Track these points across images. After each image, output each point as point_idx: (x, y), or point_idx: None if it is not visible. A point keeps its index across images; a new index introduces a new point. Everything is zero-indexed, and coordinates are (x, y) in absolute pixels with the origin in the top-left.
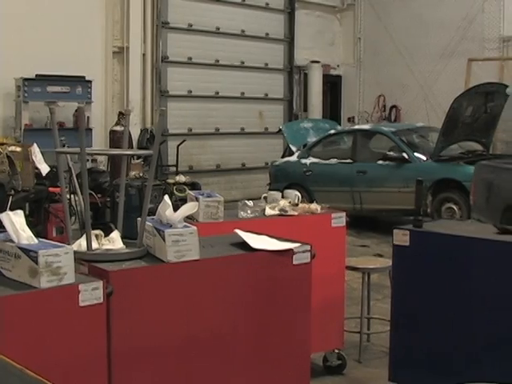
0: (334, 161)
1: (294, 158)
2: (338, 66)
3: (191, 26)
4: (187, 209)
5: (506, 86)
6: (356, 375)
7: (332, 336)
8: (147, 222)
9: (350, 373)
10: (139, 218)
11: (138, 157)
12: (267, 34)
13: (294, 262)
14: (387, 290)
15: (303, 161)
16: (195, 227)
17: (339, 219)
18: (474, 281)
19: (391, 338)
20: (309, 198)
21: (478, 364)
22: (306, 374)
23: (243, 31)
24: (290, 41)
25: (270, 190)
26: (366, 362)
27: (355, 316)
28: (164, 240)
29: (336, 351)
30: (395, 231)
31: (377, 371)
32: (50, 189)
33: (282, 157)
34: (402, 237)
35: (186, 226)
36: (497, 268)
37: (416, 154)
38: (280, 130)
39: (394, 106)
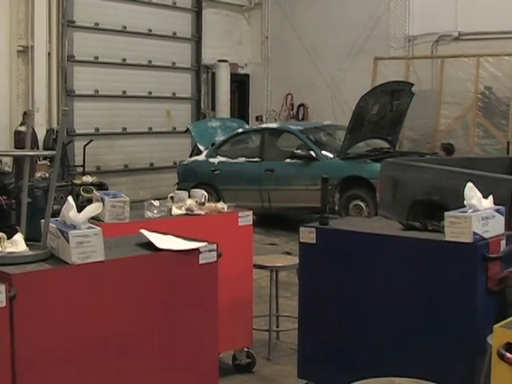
0: (241, 159)
1: (202, 157)
2: (245, 64)
3: (97, 24)
4: (91, 209)
5: (412, 85)
6: (265, 373)
7: (241, 334)
8: (51, 224)
9: (259, 371)
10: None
11: (45, 157)
12: (174, 33)
13: (200, 262)
14: (296, 287)
15: (211, 160)
16: (100, 228)
17: (246, 218)
18: (380, 277)
19: (299, 336)
20: (217, 197)
21: (384, 359)
22: (215, 374)
23: (150, 30)
24: (197, 40)
25: (178, 189)
26: (275, 359)
27: (264, 314)
28: (68, 241)
29: (245, 350)
30: (301, 229)
31: (286, 368)
32: None
33: (190, 156)
34: (308, 235)
35: (90, 227)
36: (401, 264)
37: (323, 152)
38: (188, 129)
39: (301, 105)
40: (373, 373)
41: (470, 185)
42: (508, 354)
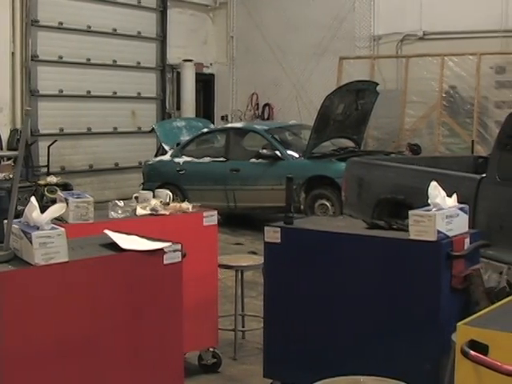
0: (207, 159)
1: (167, 157)
2: (210, 64)
3: (62, 24)
4: (55, 210)
5: (377, 84)
6: (231, 373)
7: (206, 334)
8: (14, 225)
9: (225, 370)
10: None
11: (9, 158)
12: (139, 33)
13: (165, 262)
14: (261, 287)
15: (176, 160)
16: (63, 229)
17: (211, 218)
18: (344, 276)
19: (265, 335)
20: (182, 197)
21: (349, 358)
22: (180, 374)
23: (115, 30)
24: (162, 39)
25: (143, 189)
26: (241, 359)
27: (230, 314)
28: (31, 242)
29: (211, 349)
30: (266, 229)
31: (252, 368)
32: None
33: (155, 156)
34: (273, 234)
35: (53, 228)
36: (366, 263)
37: (289, 151)
38: (153, 129)
39: (267, 104)
40: (338, 372)
41: (433, 183)
42: (472, 352)
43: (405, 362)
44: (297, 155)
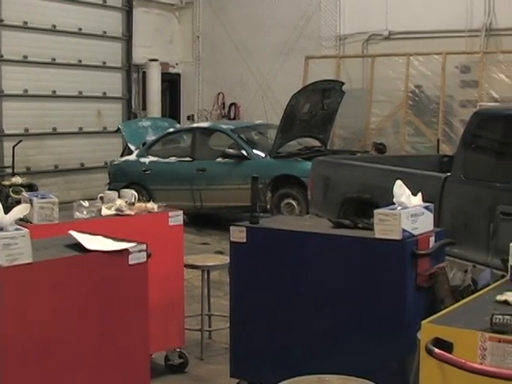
0: (173, 159)
1: (133, 157)
2: (176, 64)
3: (26, 23)
4: (18, 211)
5: (343, 83)
6: (198, 373)
7: (173, 335)
8: None
9: (192, 371)
10: None
11: None
12: (105, 32)
13: (130, 262)
14: (228, 287)
15: (142, 160)
16: (27, 230)
17: (176, 217)
18: (310, 275)
19: (231, 335)
20: (148, 197)
21: (316, 357)
22: (146, 374)
23: (80, 29)
24: (127, 39)
25: (109, 189)
26: (207, 359)
27: (197, 314)
28: None
29: (177, 350)
30: (232, 228)
31: (219, 368)
32: None
33: (121, 156)
34: (238, 233)
35: (17, 229)
36: (331, 262)
37: (255, 150)
38: (118, 128)
39: (233, 104)
40: (305, 371)
41: (398, 182)
42: (436, 350)
43: (371, 361)
44: (263, 155)
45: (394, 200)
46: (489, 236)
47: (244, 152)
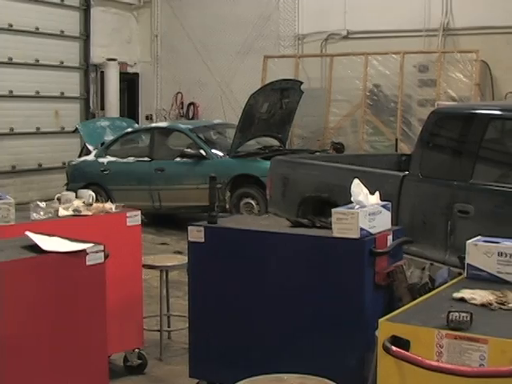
0: (131, 159)
1: (91, 157)
2: (135, 63)
3: None
4: None
5: (301, 83)
6: (157, 373)
7: (131, 335)
8: None
9: (151, 371)
10: None
11: None
12: (62, 32)
13: (88, 263)
14: (187, 286)
15: (100, 160)
16: None
17: (134, 218)
18: (268, 275)
19: (190, 335)
20: (107, 197)
21: (275, 356)
22: (105, 376)
23: (37, 28)
24: (85, 38)
25: (67, 190)
26: (166, 359)
27: (155, 314)
28: None
29: (136, 350)
30: (190, 228)
31: (178, 368)
32: None
33: (79, 156)
34: (196, 233)
35: None
36: (289, 261)
37: (213, 150)
38: (76, 129)
39: (191, 103)
40: (264, 370)
41: (356, 181)
42: (393, 347)
43: (330, 359)
44: (222, 154)
45: (352, 199)
46: (446, 234)
47: (202, 152)
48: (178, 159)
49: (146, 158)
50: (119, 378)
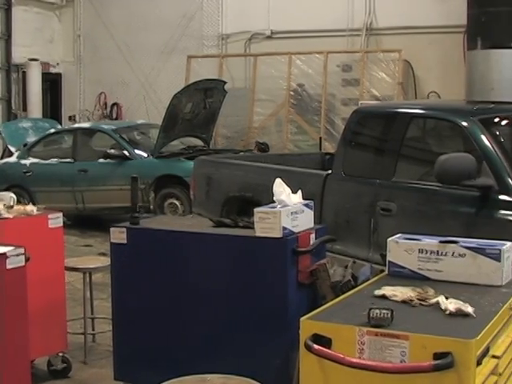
0: (54, 160)
1: (13, 159)
2: (57, 63)
3: None
4: None
5: (225, 82)
6: (82, 377)
7: (55, 339)
8: None
9: (75, 375)
10: None
11: None
12: None
13: (8, 267)
14: None
15: (23, 161)
16: None
17: (56, 220)
18: (191, 275)
19: (114, 337)
20: (30, 199)
21: (200, 357)
22: (27, 381)
23: None
24: (7, 38)
25: None
26: (91, 362)
27: (80, 317)
28: None
29: (60, 354)
30: (112, 229)
31: (103, 371)
32: None
33: (1, 158)
34: (119, 234)
35: None
36: (212, 261)
37: (137, 151)
38: None
39: (115, 104)
40: (190, 371)
41: (278, 180)
42: (315, 345)
43: (255, 359)
44: (145, 155)
45: (274, 198)
46: (369, 232)
47: (126, 152)
48: (101, 160)
49: (69, 159)
50: (43, 383)
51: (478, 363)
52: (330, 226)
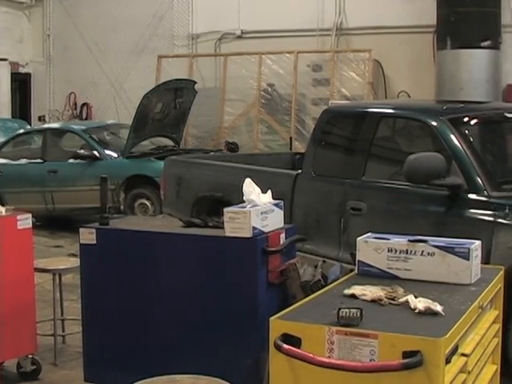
0: (23, 161)
1: None
2: (27, 63)
3: None
4: None
5: (195, 82)
6: (52, 379)
7: (24, 341)
8: None
9: (45, 377)
10: None
11: None
12: None
13: None
14: None
15: None
16: None
17: (25, 221)
18: (160, 275)
19: (83, 338)
20: None
21: (170, 358)
22: None
23: None
24: None
25: None
26: (62, 364)
27: (50, 318)
28: None
29: (30, 356)
30: (81, 230)
31: (73, 373)
32: None
33: None
34: (88, 235)
35: None
36: (182, 262)
37: (107, 151)
38: None
39: (85, 104)
40: (160, 371)
41: (248, 180)
42: (284, 345)
43: (226, 359)
44: (115, 155)
45: (244, 198)
46: (340, 231)
47: (96, 152)
48: (71, 160)
49: (39, 160)
50: None
51: (447, 361)
52: (300, 226)
